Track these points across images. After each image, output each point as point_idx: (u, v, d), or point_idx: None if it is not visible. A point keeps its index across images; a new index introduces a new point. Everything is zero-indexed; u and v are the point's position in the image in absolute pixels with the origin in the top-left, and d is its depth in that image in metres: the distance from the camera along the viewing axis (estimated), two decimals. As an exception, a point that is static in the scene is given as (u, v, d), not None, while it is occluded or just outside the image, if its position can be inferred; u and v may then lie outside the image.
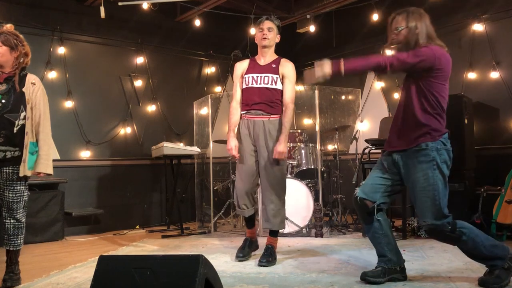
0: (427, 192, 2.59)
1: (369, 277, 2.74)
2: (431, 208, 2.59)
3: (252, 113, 3.49)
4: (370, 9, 5.83)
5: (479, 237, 2.60)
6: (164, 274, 1.90)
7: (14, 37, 2.99)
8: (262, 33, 3.50)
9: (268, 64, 3.53)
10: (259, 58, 3.59)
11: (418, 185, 2.63)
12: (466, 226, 2.62)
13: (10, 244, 2.97)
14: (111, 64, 5.60)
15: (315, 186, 4.83)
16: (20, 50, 2.99)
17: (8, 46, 2.95)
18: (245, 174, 3.50)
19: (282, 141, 3.40)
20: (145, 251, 4.06)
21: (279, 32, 3.60)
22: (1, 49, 2.93)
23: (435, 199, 2.58)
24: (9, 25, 3.07)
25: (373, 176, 2.83)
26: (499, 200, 4.04)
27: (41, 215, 4.63)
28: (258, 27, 3.54)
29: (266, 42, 3.50)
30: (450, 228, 2.58)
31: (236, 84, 3.61)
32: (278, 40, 3.61)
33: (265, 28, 3.50)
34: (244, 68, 3.59)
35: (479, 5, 5.08)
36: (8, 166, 2.91)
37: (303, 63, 7.01)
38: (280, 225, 3.50)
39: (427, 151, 2.61)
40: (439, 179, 2.59)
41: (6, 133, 2.88)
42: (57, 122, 4.94)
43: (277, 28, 3.56)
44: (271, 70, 3.49)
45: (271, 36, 3.51)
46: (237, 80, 3.61)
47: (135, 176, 5.65)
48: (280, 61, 3.54)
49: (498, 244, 2.63)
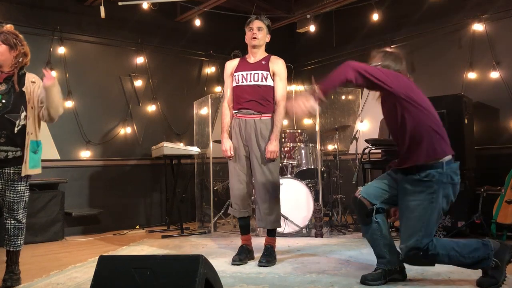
0: (418, 221, 2.49)
1: (369, 280, 2.72)
2: (418, 233, 2.48)
3: (244, 112, 3.47)
4: (370, 9, 5.83)
5: (453, 250, 2.52)
6: (164, 274, 1.90)
7: (13, 36, 2.99)
8: (251, 32, 3.49)
9: (258, 61, 3.52)
10: (249, 57, 3.58)
11: (410, 211, 2.54)
12: (439, 244, 2.52)
13: (11, 244, 2.97)
14: (111, 64, 5.61)
15: (315, 186, 4.83)
16: (19, 50, 2.98)
17: (7, 45, 2.95)
18: (238, 174, 3.50)
19: (273, 140, 3.39)
20: (145, 251, 4.06)
21: (269, 31, 3.59)
22: (0, 47, 2.93)
23: (426, 227, 2.49)
24: (9, 25, 3.07)
25: (381, 181, 2.80)
26: (499, 200, 4.03)
27: (41, 215, 4.63)
28: (248, 26, 3.54)
29: (256, 42, 3.49)
30: (426, 251, 2.48)
31: (227, 83, 3.61)
32: (268, 40, 3.60)
33: (255, 27, 3.49)
34: (234, 66, 3.58)
35: (479, 5, 5.08)
36: (9, 167, 2.91)
37: (303, 63, 7.03)
38: (275, 223, 3.48)
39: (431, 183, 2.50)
40: (436, 210, 2.50)
41: (7, 133, 2.88)
42: (57, 122, 4.90)
43: (267, 28, 3.55)
44: (261, 67, 3.48)
45: (260, 36, 3.50)
46: (228, 79, 3.60)
47: (135, 176, 5.65)
48: (270, 58, 3.52)
49: (478, 246, 2.56)
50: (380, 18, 5.79)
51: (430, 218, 2.49)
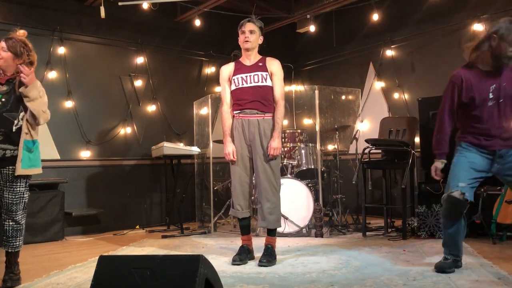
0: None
1: (447, 268, 2.93)
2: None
3: (247, 112, 3.49)
4: (370, 9, 5.83)
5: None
6: (164, 274, 1.90)
7: (22, 44, 2.99)
8: (244, 36, 3.52)
9: (255, 63, 3.55)
10: (243, 60, 3.61)
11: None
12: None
13: (9, 245, 2.96)
14: (111, 64, 5.60)
15: (315, 186, 4.82)
16: (24, 59, 2.98)
17: (13, 53, 2.95)
18: (240, 174, 3.51)
19: (276, 137, 3.43)
20: (145, 251, 4.06)
21: (262, 33, 3.61)
22: (5, 54, 2.94)
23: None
24: (22, 31, 3.06)
25: (470, 171, 2.90)
26: (499, 200, 4.03)
27: (41, 215, 4.63)
28: (240, 29, 3.56)
29: (248, 45, 3.52)
30: None
31: (225, 87, 3.62)
32: (261, 42, 3.62)
33: (247, 31, 3.51)
34: (231, 70, 3.60)
35: (479, 5, 5.08)
36: (7, 166, 2.91)
37: (303, 63, 7.03)
38: (276, 223, 3.50)
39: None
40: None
41: (5, 131, 2.88)
42: (57, 122, 4.96)
43: (259, 30, 3.56)
44: (259, 69, 3.51)
45: (253, 39, 3.52)
46: (225, 83, 3.62)
47: (135, 176, 5.65)
48: (266, 60, 3.57)
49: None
50: (380, 18, 5.79)
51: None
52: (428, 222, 4.26)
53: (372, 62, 6.14)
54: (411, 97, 5.63)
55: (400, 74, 5.83)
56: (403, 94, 5.77)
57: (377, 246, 3.92)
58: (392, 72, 5.89)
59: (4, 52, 2.94)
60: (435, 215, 4.23)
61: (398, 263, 3.27)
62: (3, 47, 2.94)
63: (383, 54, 5.98)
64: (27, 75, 2.84)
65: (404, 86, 5.79)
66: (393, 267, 3.16)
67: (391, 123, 5.06)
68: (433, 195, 4.26)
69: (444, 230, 3.02)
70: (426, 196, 4.34)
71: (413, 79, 5.71)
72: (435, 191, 4.25)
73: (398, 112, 5.74)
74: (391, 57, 5.90)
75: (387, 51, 5.94)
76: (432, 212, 4.24)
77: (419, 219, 4.32)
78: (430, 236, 4.23)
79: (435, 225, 4.22)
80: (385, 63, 5.98)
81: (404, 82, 5.79)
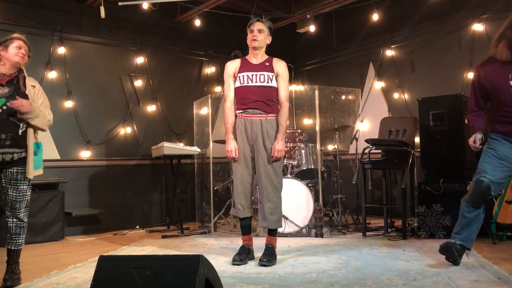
0: None
1: (456, 251, 3.06)
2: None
3: (250, 112, 3.49)
4: (370, 9, 5.83)
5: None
6: (164, 274, 1.90)
7: (28, 45, 3.14)
8: (252, 34, 3.51)
9: (262, 63, 3.55)
10: (250, 58, 3.60)
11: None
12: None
13: (12, 243, 3.01)
14: (111, 64, 5.60)
15: (315, 186, 4.82)
16: (28, 57, 3.15)
17: (28, 57, 3.13)
18: (242, 174, 3.50)
19: (280, 139, 3.43)
20: (145, 251, 4.06)
21: (271, 33, 3.60)
22: (25, 56, 3.08)
23: None
24: (17, 34, 3.17)
25: (500, 165, 3.02)
26: (499, 200, 4.03)
27: (41, 215, 4.63)
28: (249, 28, 3.55)
29: (256, 44, 3.51)
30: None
31: (229, 83, 3.59)
32: (270, 41, 3.61)
33: (255, 29, 3.51)
34: (236, 67, 3.58)
35: (479, 5, 5.08)
36: (14, 167, 2.98)
37: (303, 63, 7.03)
38: (277, 223, 3.50)
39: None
40: None
41: (12, 135, 2.94)
42: (57, 122, 4.89)
43: (268, 30, 3.56)
44: (266, 69, 3.51)
45: (261, 38, 3.51)
46: (230, 79, 3.59)
47: (135, 176, 5.65)
48: (273, 60, 3.57)
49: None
50: (380, 18, 5.79)
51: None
52: (428, 222, 4.26)
53: (372, 62, 6.14)
54: (411, 97, 5.63)
55: (400, 74, 5.83)
56: (403, 94, 5.78)
57: (377, 246, 3.92)
58: (392, 72, 5.89)
59: (26, 55, 3.08)
60: (435, 215, 4.23)
61: (398, 263, 3.27)
62: (27, 51, 3.09)
63: (383, 54, 5.98)
64: (21, 106, 2.91)
65: (404, 86, 5.79)
66: (393, 267, 3.16)
67: (391, 123, 5.06)
68: (433, 195, 4.26)
69: (461, 214, 3.10)
70: (426, 196, 4.33)
71: (413, 79, 5.71)
72: (435, 191, 4.25)
73: (398, 112, 5.75)
74: (391, 57, 5.90)
75: (387, 51, 5.94)
76: (432, 212, 4.24)
77: (419, 219, 4.32)
78: (430, 236, 4.23)
79: (435, 225, 4.22)
80: (385, 63, 5.98)
81: (404, 82, 5.79)
